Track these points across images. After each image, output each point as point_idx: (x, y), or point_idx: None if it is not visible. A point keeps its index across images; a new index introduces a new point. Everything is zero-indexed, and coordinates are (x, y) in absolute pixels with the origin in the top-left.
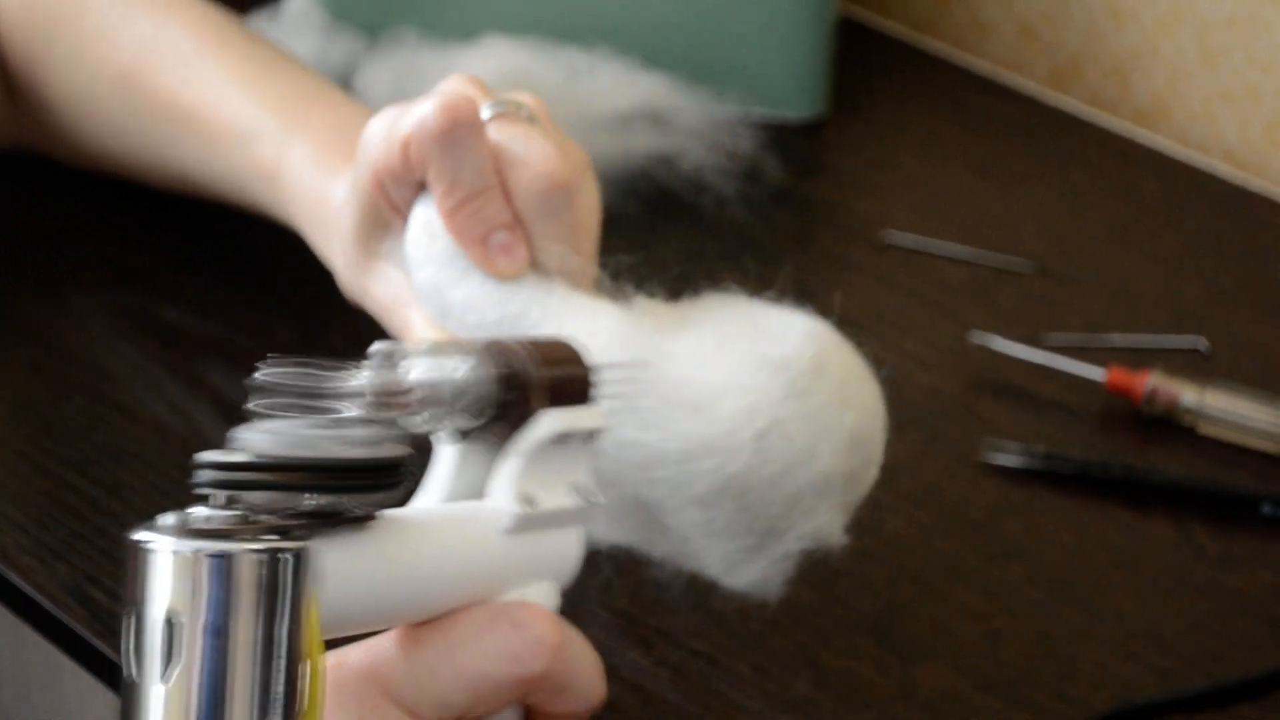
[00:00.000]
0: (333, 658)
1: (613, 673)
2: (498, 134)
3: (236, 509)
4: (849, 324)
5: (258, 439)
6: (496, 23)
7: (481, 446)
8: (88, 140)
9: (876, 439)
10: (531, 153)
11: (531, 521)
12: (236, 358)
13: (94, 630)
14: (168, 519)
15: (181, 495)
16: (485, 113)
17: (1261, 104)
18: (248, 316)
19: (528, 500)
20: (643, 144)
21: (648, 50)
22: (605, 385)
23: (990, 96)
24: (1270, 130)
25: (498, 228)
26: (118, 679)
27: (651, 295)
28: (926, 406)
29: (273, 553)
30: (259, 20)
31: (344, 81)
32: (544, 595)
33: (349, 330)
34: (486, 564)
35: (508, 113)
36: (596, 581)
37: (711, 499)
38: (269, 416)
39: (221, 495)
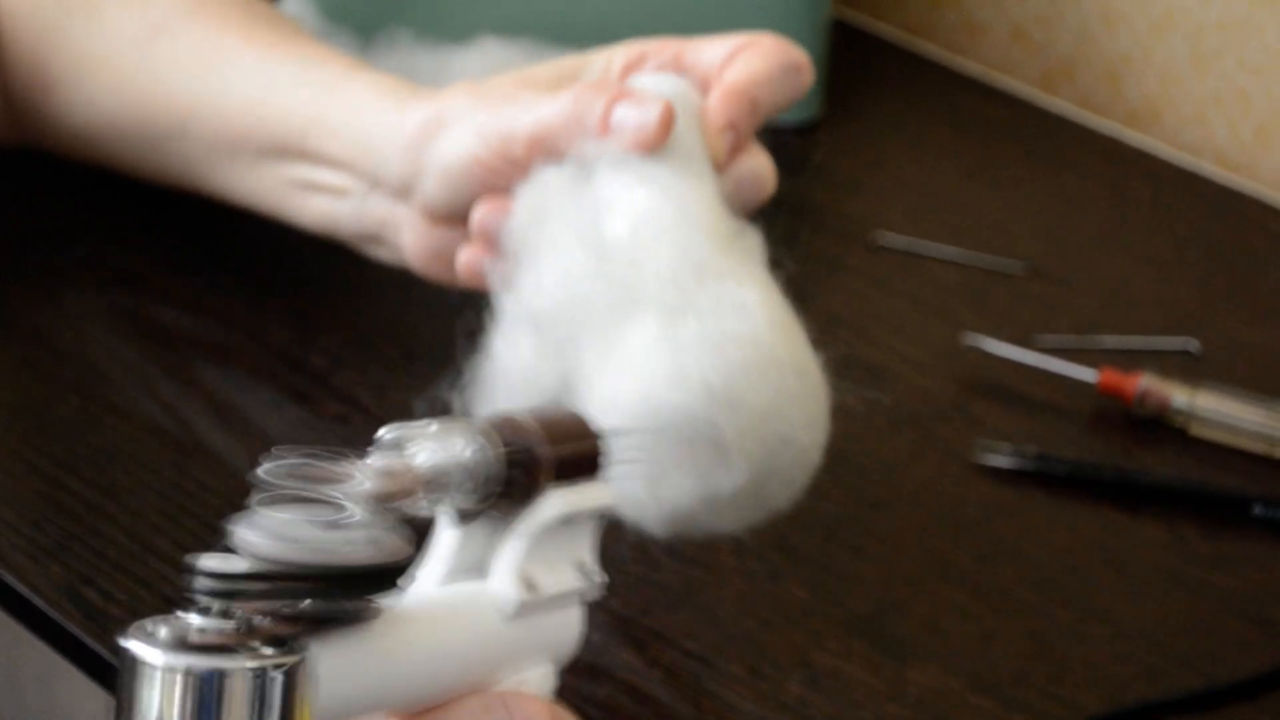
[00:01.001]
0: None
1: (605, 673)
2: None
3: (232, 619)
4: (841, 325)
5: (257, 541)
6: (491, 24)
7: (485, 524)
8: (99, 108)
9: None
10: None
11: (533, 606)
12: (231, 359)
13: (88, 630)
14: (161, 629)
15: (176, 496)
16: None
17: (1252, 107)
18: (243, 318)
19: (529, 585)
20: None
21: None
22: (615, 456)
23: (982, 99)
24: (1261, 133)
25: None
26: (112, 679)
27: None
28: (918, 407)
29: (267, 670)
30: None
31: None
32: (541, 679)
33: (343, 333)
34: (484, 650)
35: None
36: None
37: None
38: (268, 512)
39: (217, 604)
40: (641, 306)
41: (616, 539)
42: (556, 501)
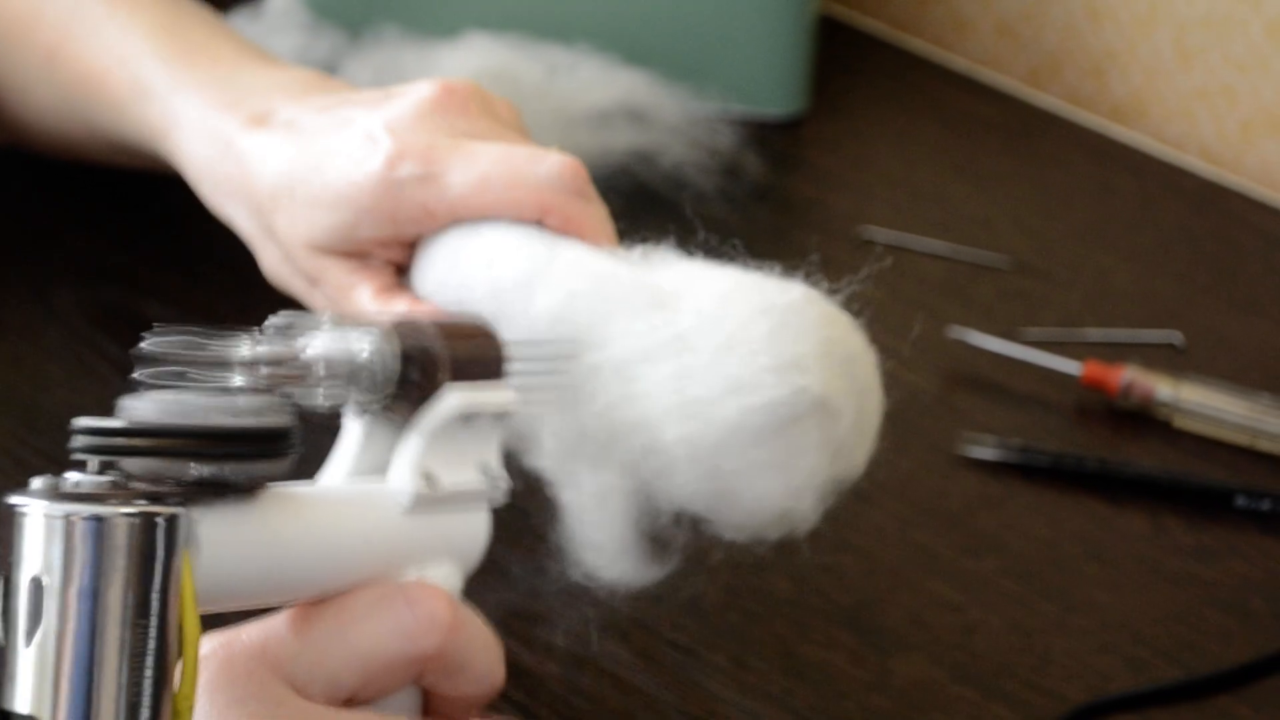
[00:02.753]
0: (224, 636)
1: (592, 664)
2: None
3: (111, 475)
4: None
5: (140, 406)
6: (477, 20)
7: (388, 423)
8: (26, 122)
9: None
10: None
11: (431, 501)
12: None
13: None
14: (40, 483)
15: None
16: None
17: (1237, 102)
18: (228, 312)
19: (428, 479)
20: (623, 140)
21: (628, 47)
22: (521, 364)
23: (968, 94)
24: (1246, 128)
25: None
26: None
27: None
28: (903, 400)
29: (145, 516)
30: (240, 18)
31: None
32: (445, 576)
33: None
34: (382, 543)
35: None
36: (575, 574)
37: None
38: (156, 386)
39: (96, 461)
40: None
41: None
42: (455, 398)
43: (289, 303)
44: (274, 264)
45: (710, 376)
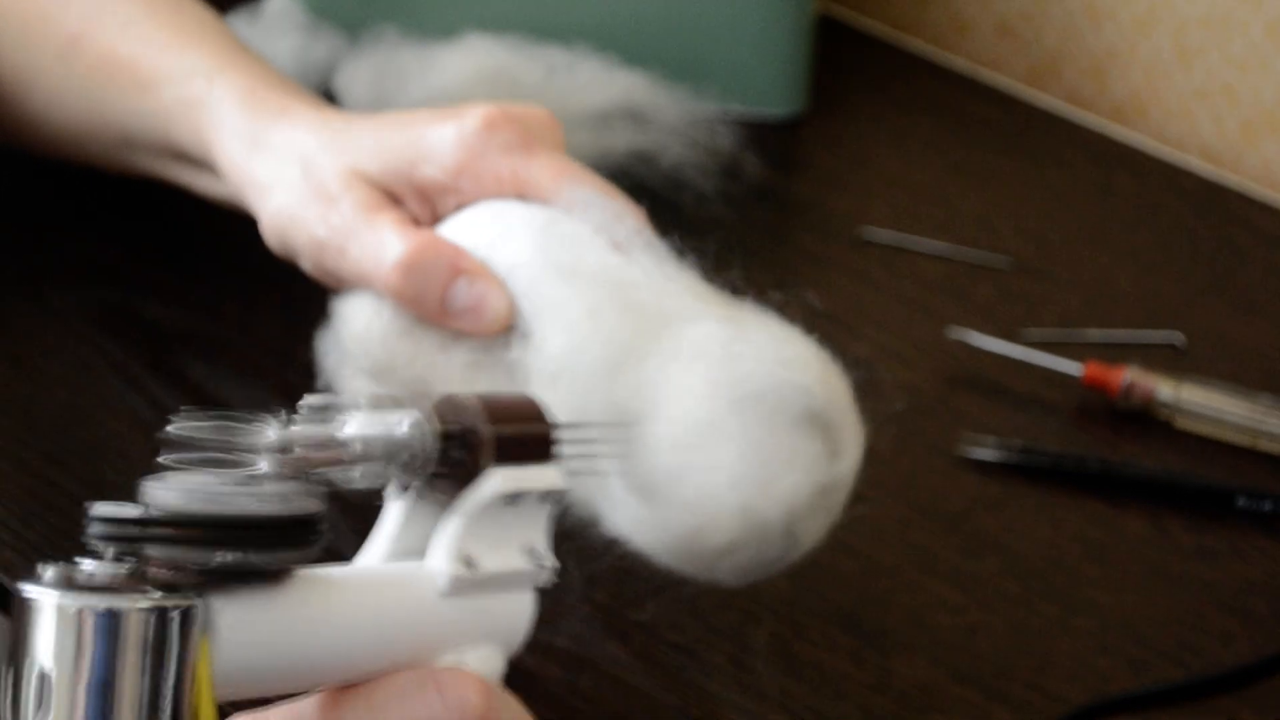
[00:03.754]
0: (251, 718)
1: (591, 665)
2: None
3: (127, 563)
4: (827, 320)
5: (163, 491)
6: (476, 21)
7: (431, 503)
8: (31, 116)
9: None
10: None
11: (470, 584)
12: (217, 353)
13: None
14: (52, 572)
15: None
16: None
17: (1238, 102)
18: (228, 311)
19: (467, 561)
20: (622, 141)
21: (627, 48)
22: (571, 445)
23: (968, 94)
24: (1246, 127)
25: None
26: None
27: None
28: (904, 401)
29: (160, 610)
30: (239, 19)
31: (324, 80)
32: (483, 660)
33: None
34: (417, 627)
35: None
36: (577, 575)
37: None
38: (180, 470)
39: (112, 549)
40: (685, 318)
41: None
42: (497, 479)
43: (288, 301)
44: (290, 188)
45: (758, 345)
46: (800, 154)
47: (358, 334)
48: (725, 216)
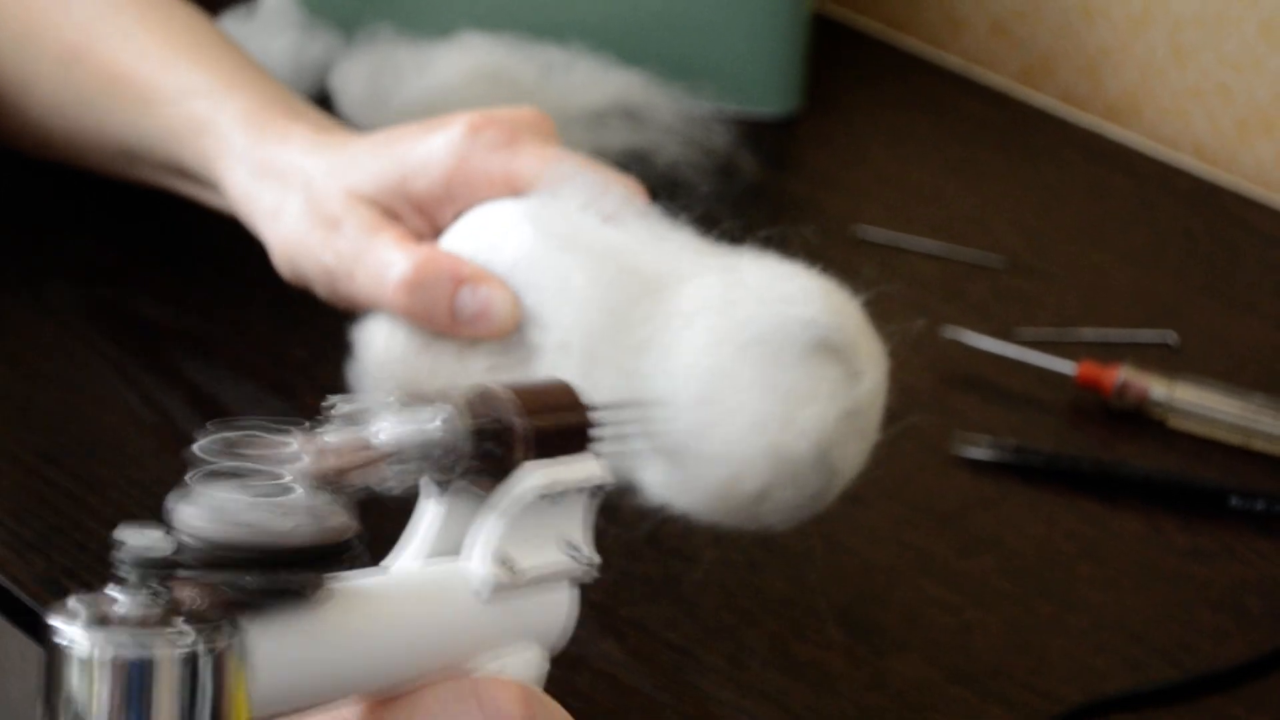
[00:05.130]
0: None
1: (586, 664)
2: None
3: (160, 596)
4: None
5: (191, 514)
6: (472, 19)
7: (468, 498)
8: (29, 122)
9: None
10: None
11: (510, 588)
12: (211, 351)
13: None
14: (82, 607)
15: (158, 489)
16: None
17: (1232, 100)
18: (222, 310)
19: (505, 563)
20: (617, 140)
21: (623, 46)
22: (608, 429)
23: (962, 93)
24: (1240, 126)
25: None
26: None
27: None
28: (898, 400)
29: (194, 655)
30: (234, 18)
31: (320, 79)
32: (525, 664)
33: (325, 325)
34: (456, 634)
35: None
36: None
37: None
38: (207, 487)
39: (145, 581)
40: (684, 275)
41: (600, 533)
42: (534, 476)
43: (281, 301)
44: (294, 217)
45: (757, 288)
46: (795, 152)
47: (378, 356)
48: (720, 215)
